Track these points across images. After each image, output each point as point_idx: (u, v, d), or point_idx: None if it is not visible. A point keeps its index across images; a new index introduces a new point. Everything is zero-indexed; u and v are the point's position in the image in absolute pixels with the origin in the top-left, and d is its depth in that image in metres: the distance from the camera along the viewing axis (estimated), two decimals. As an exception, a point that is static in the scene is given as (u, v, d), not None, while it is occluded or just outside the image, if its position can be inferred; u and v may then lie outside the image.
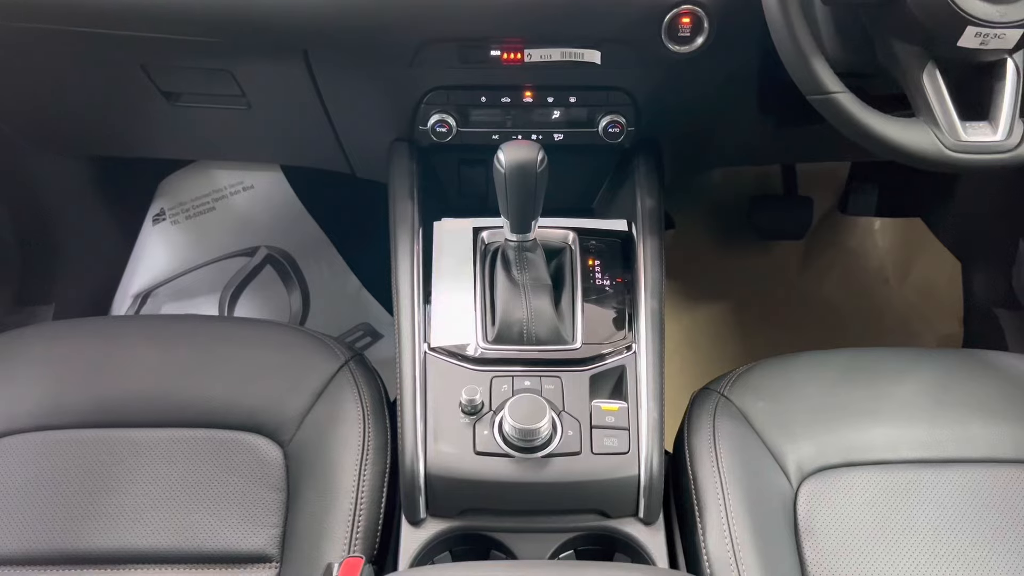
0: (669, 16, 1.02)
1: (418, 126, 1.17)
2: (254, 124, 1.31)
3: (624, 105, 1.15)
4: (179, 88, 1.22)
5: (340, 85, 1.17)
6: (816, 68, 0.90)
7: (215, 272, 1.70)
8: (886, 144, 0.91)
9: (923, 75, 0.91)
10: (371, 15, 1.03)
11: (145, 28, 1.08)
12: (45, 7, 1.07)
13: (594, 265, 1.11)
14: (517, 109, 1.16)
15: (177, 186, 1.70)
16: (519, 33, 1.06)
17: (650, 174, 1.19)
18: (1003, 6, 0.85)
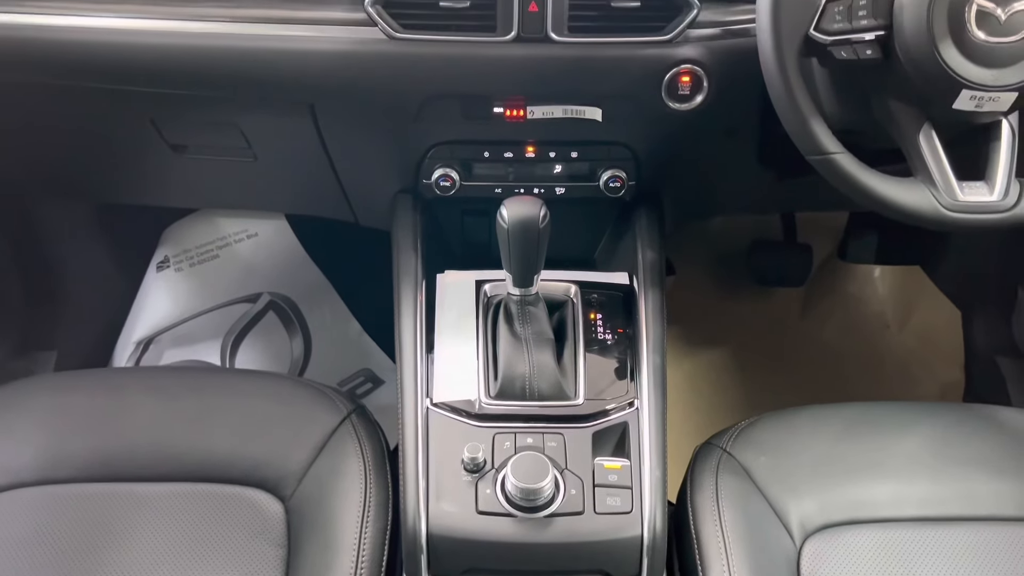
0: (669, 75, 1.05)
1: (422, 179, 1.18)
2: (259, 174, 1.33)
3: (625, 160, 1.17)
4: (186, 140, 1.24)
5: (345, 138, 1.19)
6: (814, 129, 0.91)
7: (217, 318, 1.71)
8: (884, 204, 0.92)
9: (919, 135, 0.92)
10: (377, 73, 1.05)
11: (155, 84, 1.10)
12: (58, 63, 1.09)
13: (596, 318, 1.12)
14: (520, 163, 1.17)
15: (182, 233, 1.72)
16: (522, 91, 1.08)
17: (651, 227, 1.20)
18: (997, 70, 0.87)
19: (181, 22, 1.04)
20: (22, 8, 1.06)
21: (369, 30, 1.03)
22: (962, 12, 0.86)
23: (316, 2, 1.04)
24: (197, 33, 1.04)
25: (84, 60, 1.07)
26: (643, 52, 1.04)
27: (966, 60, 0.87)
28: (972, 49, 0.87)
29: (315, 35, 1.04)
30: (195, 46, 1.05)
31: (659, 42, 1.03)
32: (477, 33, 1.02)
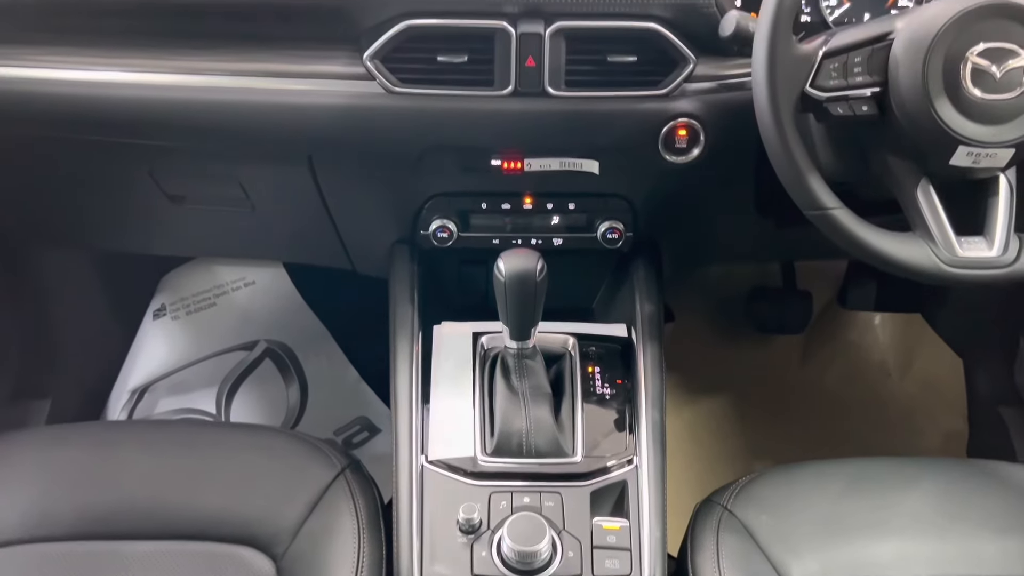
0: (666, 129, 1.05)
1: (420, 230, 1.18)
2: (257, 224, 1.33)
3: (623, 211, 1.17)
4: (184, 191, 1.25)
5: (343, 189, 1.19)
6: (812, 185, 0.91)
7: (213, 366, 1.70)
8: (883, 259, 0.91)
9: (917, 190, 0.92)
10: (375, 126, 1.05)
11: (154, 137, 1.11)
12: (57, 116, 1.09)
13: (594, 372, 1.11)
14: (517, 214, 1.18)
15: (179, 281, 1.72)
16: (519, 144, 1.09)
17: (649, 279, 1.20)
18: (993, 127, 0.87)
19: (181, 76, 1.05)
20: (23, 62, 1.06)
21: (368, 84, 1.03)
22: (957, 69, 0.86)
23: (315, 56, 1.05)
24: (197, 87, 1.05)
25: (83, 113, 1.07)
26: (640, 106, 1.04)
27: (962, 117, 0.87)
28: (968, 106, 0.87)
29: (314, 89, 1.04)
30: (195, 100, 1.05)
31: (656, 96, 1.04)
32: (475, 87, 1.03)
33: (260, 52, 1.05)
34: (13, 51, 1.07)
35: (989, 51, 0.86)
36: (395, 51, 1.01)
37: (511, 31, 1.00)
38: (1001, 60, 0.86)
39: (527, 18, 1.01)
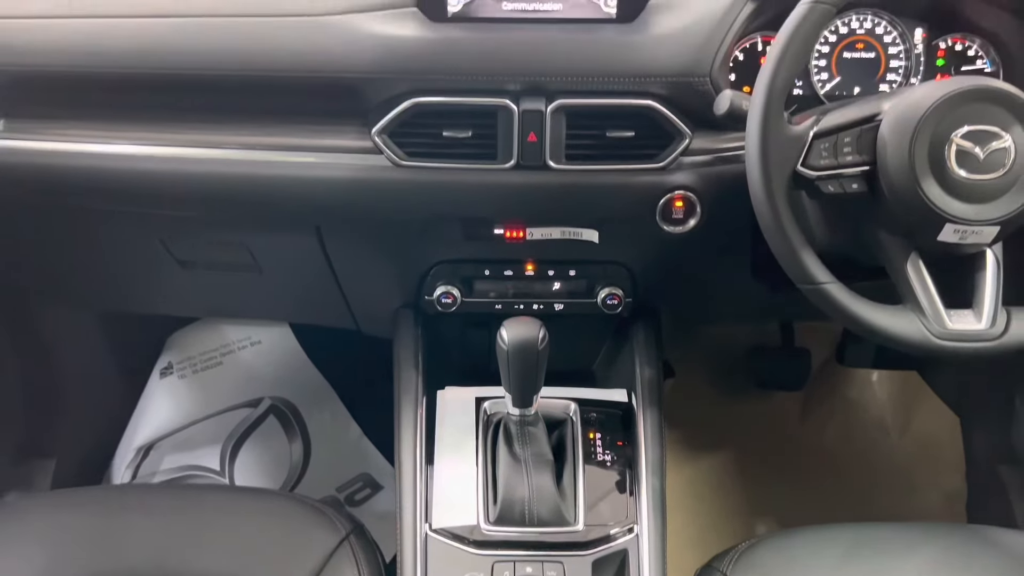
0: (663, 200, 1.09)
1: (424, 296, 1.21)
2: (264, 287, 1.36)
3: (622, 278, 1.20)
4: (194, 257, 1.28)
5: (350, 257, 1.23)
6: (804, 260, 0.94)
7: (218, 424, 1.72)
8: (874, 332, 0.94)
9: (907, 264, 0.95)
10: (382, 198, 1.09)
11: (166, 208, 1.14)
12: (72, 187, 1.13)
13: (595, 437, 1.13)
14: (519, 281, 1.21)
15: (186, 340, 1.75)
16: (521, 215, 1.13)
17: (648, 344, 1.23)
18: (978, 205, 0.90)
19: (195, 149, 1.09)
20: (42, 135, 1.11)
21: (375, 157, 1.07)
22: (942, 150, 0.90)
23: (325, 130, 1.09)
24: (210, 160, 1.09)
25: (100, 185, 1.11)
26: (638, 179, 1.08)
27: (948, 196, 0.90)
28: (954, 185, 0.90)
29: (324, 162, 1.08)
30: (208, 172, 1.09)
31: (653, 169, 1.07)
32: (478, 161, 1.07)
33: (271, 126, 1.09)
34: (33, 125, 1.11)
35: (973, 133, 0.90)
36: (402, 126, 1.05)
37: (513, 108, 1.04)
38: (984, 142, 0.90)
39: (529, 96, 1.05)
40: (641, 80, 1.05)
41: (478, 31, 1.05)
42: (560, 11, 1.05)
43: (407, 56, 1.04)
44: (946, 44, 1.17)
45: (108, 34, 1.08)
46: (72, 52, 1.08)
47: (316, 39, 1.05)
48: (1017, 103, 0.90)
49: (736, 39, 1.08)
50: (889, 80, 1.18)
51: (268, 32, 1.06)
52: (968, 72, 1.18)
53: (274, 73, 1.06)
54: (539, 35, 1.05)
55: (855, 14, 1.16)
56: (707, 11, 1.06)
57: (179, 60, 1.06)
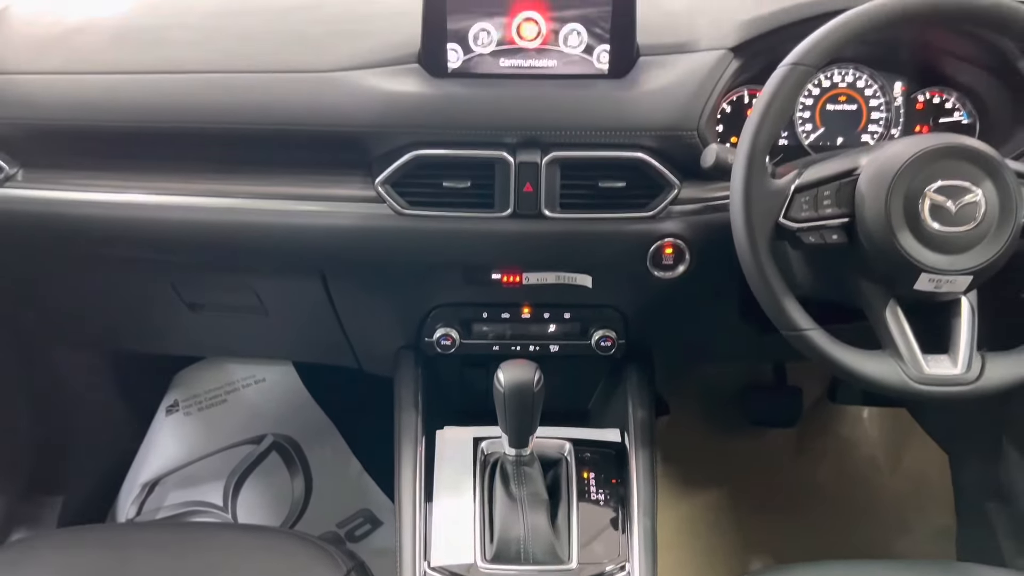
0: (653, 247, 1.13)
1: (424, 337, 1.25)
2: (270, 328, 1.40)
3: (615, 321, 1.25)
4: (203, 300, 1.32)
5: (353, 300, 1.27)
6: (787, 307, 0.98)
7: (222, 460, 1.75)
8: (855, 377, 0.98)
9: (886, 312, 0.99)
10: (385, 245, 1.13)
11: (177, 254, 1.19)
12: (87, 235, 1.18)
13: (589, 477, 1.16)
14: (516, 323, 1.25)
15: (192, 379, 1.79)
16: (518, 261, 1.17)
17: (641, 385, 1.27)
18: (952, 256, 0.95)
19: (205, 198, 1.14)
20: (58, 185, 1.16)
21: (378, 206, 1.12)
22: (916, 204, 0.95)
23: (329, 180, 1.14)
24: (221, 208, 1.14)
25: (114, 232, 1.16)
26: (629, 227, 1.12)
27: (923, 247, 0.94)
28: (928, 237, 0.95)
29: (329, 210, 1.13)
30: (218, 221, 1.14)
31: (643, 218, 1.12)
32: (477, 210, 1.11)
33: (279, 176, 1.14)
34: (50, 175, 1.16)
35: (945, 188, 0.94)
36: (404, 177, 1.10)
37: (510, 160, 1.09)
38: (956, 196, 0.94)
39: (525, 148, 1.09)
40: (631, 133, 1.09)
41: (477, 87, 1.10)
42: (555, 67, 1.11)
43: (409, 110, 1.09)
44: (924, 97, 1.23)
45: (123, 89, 1.13)
46: (88, 106, 1.13)
47: (323, 94, 1.10)
48: (986, 159, 0.95)
49: (723, 93, 1.12)
50: (871, 131, 1.23)
51: (277, 87, 1.11)
52: (946, 124, 1.23)
53: (283, 126, 1.11)
54: (535, 91, 1.10)
55: (837, 68, 1.22)
56: (694, 68, 1.11)
57: (192, 114, 1.12)
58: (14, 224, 1.16)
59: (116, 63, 1.15)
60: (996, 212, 0.94)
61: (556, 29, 1.09)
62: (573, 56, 1.10)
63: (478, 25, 1.09)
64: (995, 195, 0.95)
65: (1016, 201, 0.95)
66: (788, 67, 0.97)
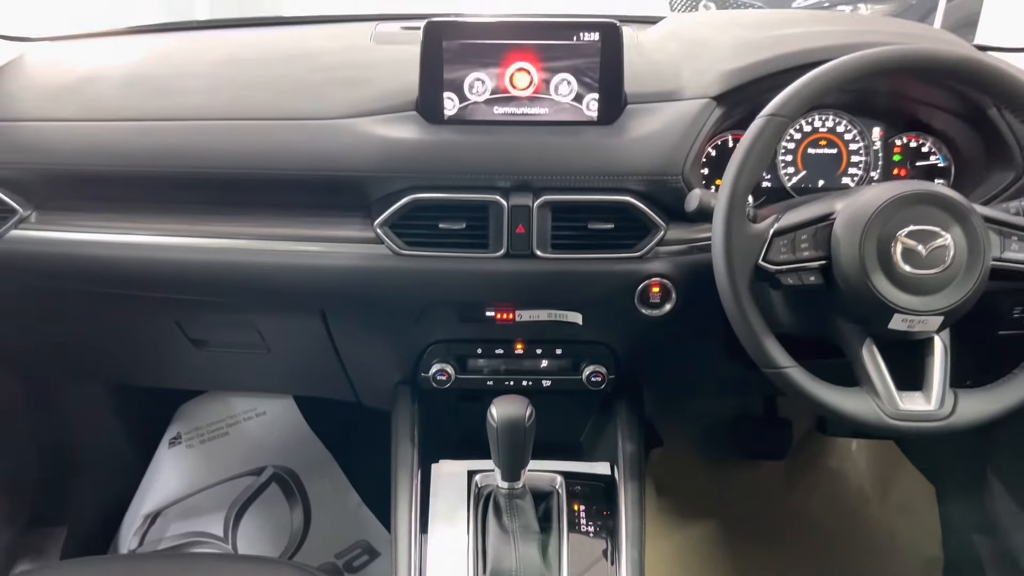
0: (641, 286, 1.17)
1: (421, 372, 1.29)
2: (271, 364, 1.44)
3: (605, 356, 1.29)
4: (207, 337, 1.37)
5: (352, 337, 1.31)
6: (767, 346, 1.02)
7: (223, 492, 1.78)
8: (832, 412, 1.02)
9: (863, 350, 1.03)
10: (383, 284, 1.18)
11: (184, 292, 1.23)
12: (97, 274, 1.22)
13: (579, 509, 1.20)
14: (509, 359, 1.29)
15: (194, 412, 1.83)
16: (511, 299, 1.21)
17: (631, 420, 1.30)
18: (923, 297, 0.99)
19: (210, 240, 1.18)
20: (70, 227, 1.20)
21: (377, 247, 1.16)
22: (889, 248, 0.99)
23: (330, 222, 1.18)
24: (226, 249, 1.18)
25: (123, 272, 1.20)
26: (617, 267, 1.17)
27: (896, 289, 0.99)
28: (900, 279, 0.99)
29: (329, 251, 1.17)
30: (224, 261, 1.18)
31: (631, 258, 1.16)
32: (472, 250, 1.16)
33: (281, 218, 1.19)
34: (62, 217, 1.21)
35: (916, 232, 0.99)
36: (402, 219, 1.15)
37: (503, 203, 1.14)
38: (926, 240, 0.99)
39: (517, 192, 1.14)
40: (619, 178, 1.14)
41: (472, 133, 1.15)
42: (546, 114, 1.16)
43: (407, 156, 1.14)
44: (902, 142, 1.28)
45: (133, 135, 1.19)
46: (100, 152, 1.18)
47: (325, 141, 1.15)
48: (954, 205, 1.00)
49: (707, 139, 1.17)
50: (851, 174, 1.28)
51: (282, 134, 1.17)
52: (923, 167, 1.28)
53: (286, 172, 1.16)
54: (527, 137, 1.15)
55: (818, 114, 1.27)
56: (679, 115, 1.16)
57: (199, 160, 1.17)
58: (28, 263, 1.21)
59: (127, 111, 1.21)
60: (965, 255, 0.99)
61: (547, 79, 1.15)
62: (564, 104, 1.15)
63: (473, 75, 1.14)
64: (963, 239, 0.99)
65: (983, 245, 0.99)
66: (765, 118, 1.02)
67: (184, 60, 1.32)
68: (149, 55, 1.33)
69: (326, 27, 1.49)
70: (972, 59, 1.02)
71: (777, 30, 1.25)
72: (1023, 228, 1.03)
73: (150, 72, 1.28)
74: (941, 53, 1.02)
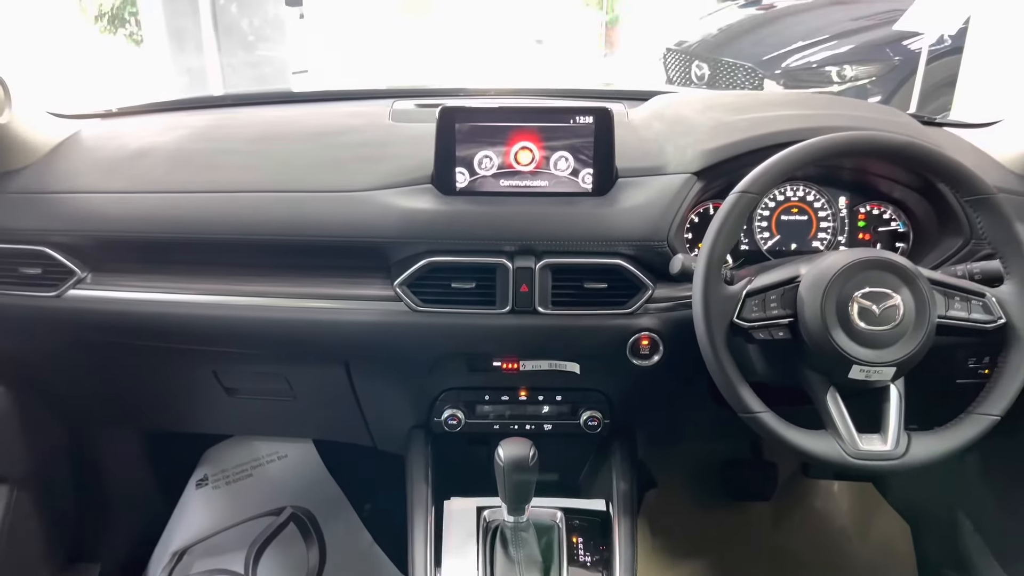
0: (632, 339, 1.31)
1: (433, 418, 1.42)
2: (296, 410, 1.57)
3: (600, 403, 1.42)
4: (240, 385, 1.50)
5: (372, 386, 1.44)
6: (742, 394, 1.15)
7: (245, 531, 1.89)
8: (800, 452, 1.14)
9: (827, 397, 1.16)
10: (401, 338, 1.31)
11: (222, 345, 1.37)
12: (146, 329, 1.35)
13: (578, 542, 1.32)
14: (514, 405, 1.42)
15: (221, 455, 1.95)
16: (515, 351, 1.35)
17: (624, 461, 1.43)
18: (878, 350, 1.13)
19: (247, 298, 1.32)
20: (121, 287, 1.34)
21: (396, 304, 1.30)
22: (847, 307, 1.13)
23: (354, 283, 1.32)
24: (260, 306, 1.32)
25: (168, 327, 1.34)
26: (610, 322, 1.31)
27: (853, 343, 1.12)
28: (857, 334, 1.13)
29: (353, 308, 1.31)
30: (259, 317, 1.32)
31: (623, 314, 1.30)
32: (480, 307, 1.30)
33: (311, 278, 1.33)
34: (115, 278, 1.35)
35: (870, 293, 1.13)
36: (418, 279, 1.29)
37: (509, 265, 1.28)
38: (879, 301, 1.13)
39: (521, 255, 1.29)
40: (611, 243, 1.29)
41: (480, 203, 1.30)
42: (547, 187, 1.31)
43: (424, 224, 1.29)
44: (866, 210, 1.42)
45: (179, 206, 1.33)
46: (149, 220, 1.33)
47: (351, 211, 1.30)
48: (903, 270, 1.14)
49: (689, 209, 1.32)
50: (820, 238, 1.42)
51: (312, 205, 1.31)
52: (885, 232, 1.43)
53: (316, 238, 1.30)
54: (529, 207, 1.30)
55: (790, 185, 1.42)
56: (664, 188, 1.31)
57: (239, 228, 1.31)
58: (84, 319, 1.34)
59: (174, 184, 1.35)
60: (913, 314, 1.13)
61: (547, 155, 1.30)
62: (562, 178, 1.31)
63: (482, 152, 1.30)
64: (911, 300, 1.13)
65: (929, 305, 1.13)
66: (737, 195, 1.17)
67: (223, 136, 1.48)
68: (191, 133, 1.48)
69: (348, 104, 1.66)
70: (913, 144, 1.17)
71: (750, 113, 1.41)
72: (965, 290, 1.17)
73: (193, 148, 1.43)
74: (887, 139, 1.18)
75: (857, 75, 4.88)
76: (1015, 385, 1.15)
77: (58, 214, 1.34)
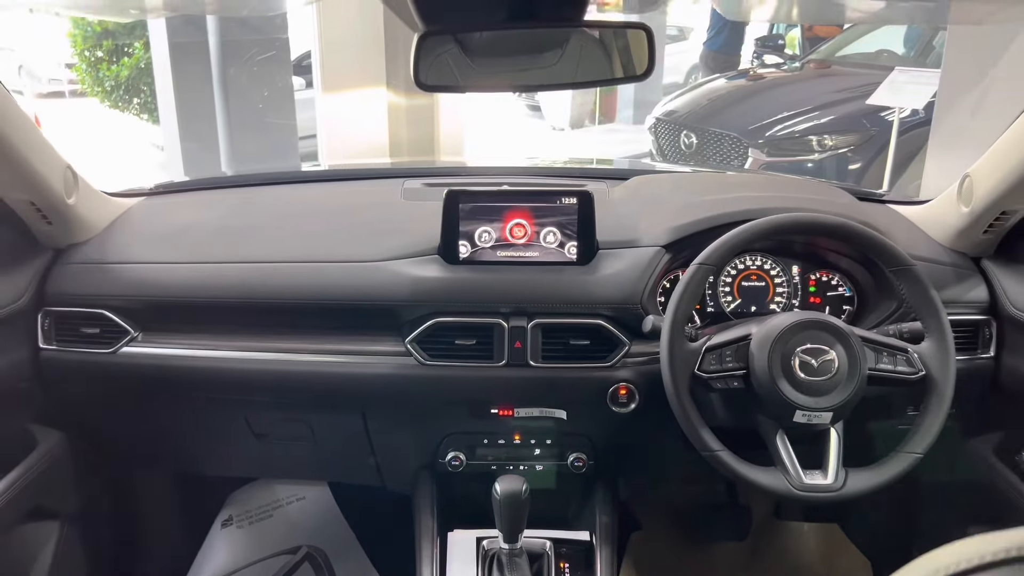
0: (611, 389, 1.50)
1: (438, 459, 1.61)
2: (316, 454, 1.76)
3: (585, 446, 1.61)
4: (267, 431, 1.69)
5: (385, 431, 1.64)
6: (702, 435, 1.35)
7: (263, 568, 2.05)
8: (753, 485, 1.33)
9: (776, 438, 1.36)
10: (411, 389, 1.51)
11: (256, 395, 1.57)
12: (191, 382, 1.55)
13: (565, 567, 1.50)
14: (509, 447, 1.61)
15: (245, 497, 2.13)
16: (510, 400, 1.55)
17: (606, 498, 1.61)
18: (817, 398, 1.32)
19: (277, 354, 1.52)
20: (168, 344, 1.54)
21: (407, 359, 1.50)
22: (790, 360, 1.33)
23: (370, 340, 1.52)
24: (288, 361, 1.52)
25: (208, 379, 1.54)
26: (593, 374, 1.51)
27: (796, 391, 1.32)
28: (799, 384, 1.33)
29: (369, 362, 1.51)
30: (287, 371, 1.52)
31: (603, 367, 1.50)
32: (480, 361, 1.50)
33: (332, 336, 1.53)
34: (162, 337, 1.55)
35: (809, 349, 1.34)
36: (426, 337, 1.49)
37: (505, 325, 1.49)
38: (818, 355, 1.33)
39: (515, 316, 1.50)
40: (593, 306, 1.50)
41: (480, 272, 1.51)
42: (537, 257, 1.53)
43: (431, 290, 1.50)
44: (816, 277, 1.63)
45: (218, 275, 1.54)
46: (193, 287, 1.54)
47: (368, 278, 1.51)
48: (837, 329, 1.34)
49: (660, 276, 1.53)
50: (777, 301, 1.63)
51: (333, 274, 1.53)
52: (833, 296, 1.64)
53: (337, 302, 1.51)
54: (522, 275, 1.51)
55: (749, 256, 1.63)
56: (638, 259, 1.52)
57: (270, 293, 1.52)
58: (135, 374, 1.54)
59: (213, 255, 1.57)
60: (846, 366, 1.33)
61: (538, 230, 1.52)
62: (550, 249, 1.52)
63: (481, 228, 1.51)
64: (845, 355, 1.33)
65: (860, 359, 1.33)
66: (696, 266, 1.38)
67: (255, 213, 1.71)
68: (226, 211, 1.71)
69: (363, 183, 1.89)
70: (844, 224, 1.39)
71: (713, 195, 1.64)
72: (891, 346, 1.38)
73: (229, 225, 1.65)
74: (822, 220, 1.40)
75: (837, 144, 5.14)
76: (935, 428, 1.34)
77: (115, 282, 1.54)
